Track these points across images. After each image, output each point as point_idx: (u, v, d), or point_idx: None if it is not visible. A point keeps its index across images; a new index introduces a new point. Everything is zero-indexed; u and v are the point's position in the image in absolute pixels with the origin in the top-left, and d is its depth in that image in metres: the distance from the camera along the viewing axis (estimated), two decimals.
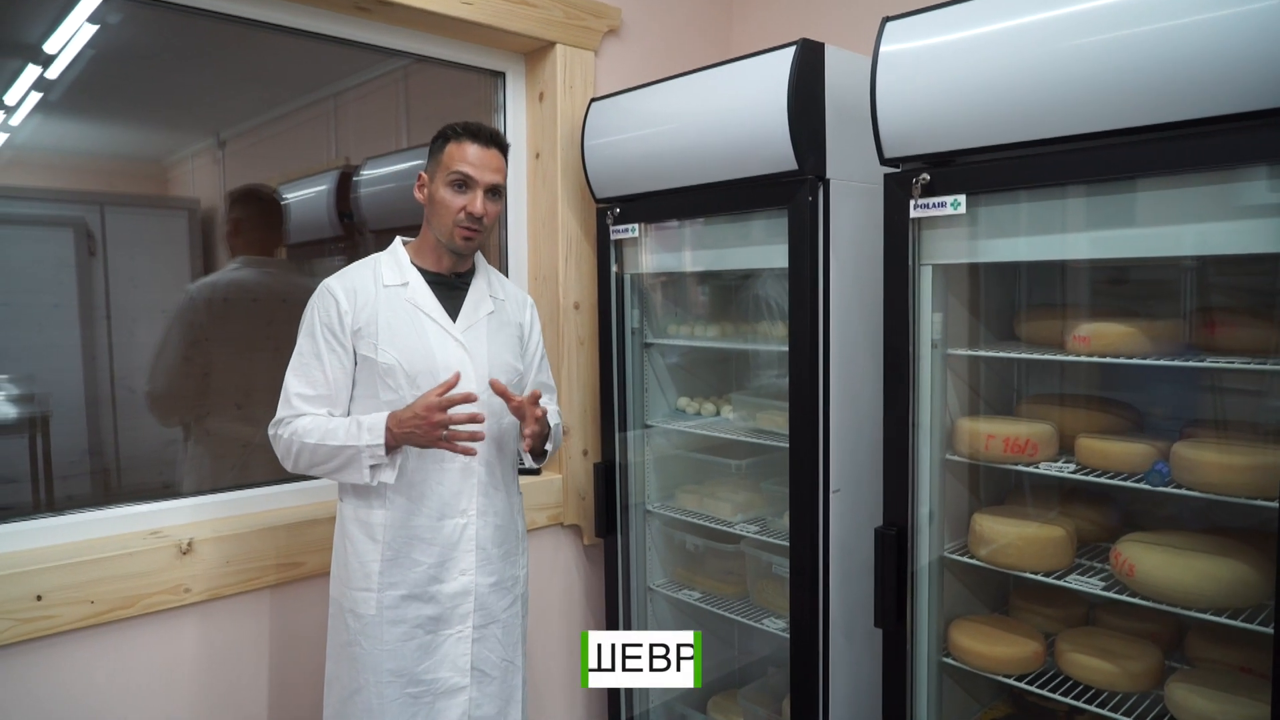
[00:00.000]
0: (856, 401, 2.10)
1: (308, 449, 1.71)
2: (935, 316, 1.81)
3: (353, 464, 1.69)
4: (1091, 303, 1.88)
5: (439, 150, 1.80)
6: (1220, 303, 1.70)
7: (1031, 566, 1.75)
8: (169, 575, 1.89)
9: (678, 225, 2.35)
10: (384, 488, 1.74)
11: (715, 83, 2.10)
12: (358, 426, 1.69)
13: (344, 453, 1.69)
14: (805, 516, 2.04)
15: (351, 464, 1.69)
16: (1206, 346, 1.64)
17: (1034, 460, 1.77)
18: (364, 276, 1.80)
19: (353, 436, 1.68)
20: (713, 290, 2.64)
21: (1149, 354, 1.63)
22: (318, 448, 1.70)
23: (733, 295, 2.49)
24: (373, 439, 1.68)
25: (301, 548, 2.09)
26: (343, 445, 1.68)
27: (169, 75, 2.09)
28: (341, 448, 1.69)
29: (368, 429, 1.68)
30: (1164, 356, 1.63)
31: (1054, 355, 1.75)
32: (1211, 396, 1.83)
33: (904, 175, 1.76)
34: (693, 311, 2.67)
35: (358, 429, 1.69)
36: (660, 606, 2.68)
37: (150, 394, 2.06)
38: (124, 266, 1.95)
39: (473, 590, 1.80)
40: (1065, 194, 1.57)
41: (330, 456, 1.70)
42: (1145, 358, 1.62)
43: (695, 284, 2.66)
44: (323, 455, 1.70)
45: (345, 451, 1.69)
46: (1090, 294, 1.90)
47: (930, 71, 1.66)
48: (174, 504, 2.04)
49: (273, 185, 2.37)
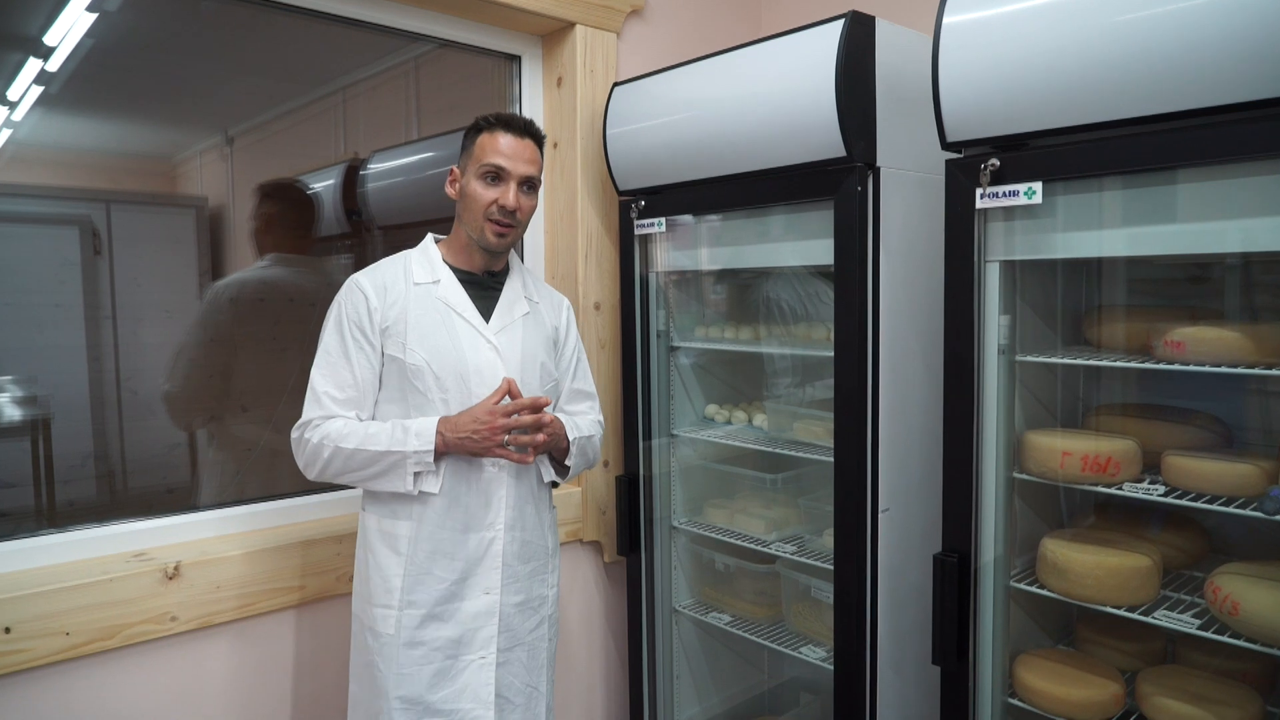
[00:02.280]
0: (906, 412, 1.91)
1: (342, 454, 1.58)
2: (1002, 319, 1.62)
3: (395, 471, 1.58)
4: (1182, 304, 1.68)
5: (471, 142, 1.69)
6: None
7: (1114, 600, 1.56)
8: (154, 603, 1.72)
9: (708, 219, 2.16)
10: (410, 498, 1.63)
11: (753, 62, 1.91)
12: (404, 431, 1.57)
13: (387, 458, 1.57)
14: (852, 538, 1.85)
15: (394, 471, 1.58)
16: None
17: (1116, 480, 1.58)
18: (394, 273, 1.69)
19: (398, 442, 1.57)
20: (744, 290, 2.45)
21: (1255, 362, 1.43)
22: (356, 453, 1.58)
23: (767, 295, 2.30)
24: (421, 444, 1.56)
25: (301, 569, 1.92)
26: (386, 450, 1.57)
27: (174, 68, 2.01)
28: (385, 453, 1.57)
29: (415, 434, 1.57)
30: (1275, 365, 1.43)
31: (1148, 364, 1.55)
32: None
33: (970, 161, 1.57)
34: (722, 313, 2.49)
35: (404, 433, 1.57)
36: (686, 629, 2.50)
37: (168, 394, 1.98)
38: (130, 265, 1.91)
39: (497, 611, 1.67)
40: (1167, 179, 1.38)
41: (371, 462, 1.58)
42: (1252, 366, 1.42)
43: (726, 283, 2.48)
44: (361, 461, 1.58)
45: (389, 457, 1.57)
46: (1182, 294, 1.70)
47: (1002, 42, 1.47)
48: (160, 523, 1.87)
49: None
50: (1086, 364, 1.68)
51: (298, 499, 2.06)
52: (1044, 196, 1.49)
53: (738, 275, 2.41)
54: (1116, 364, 1.60)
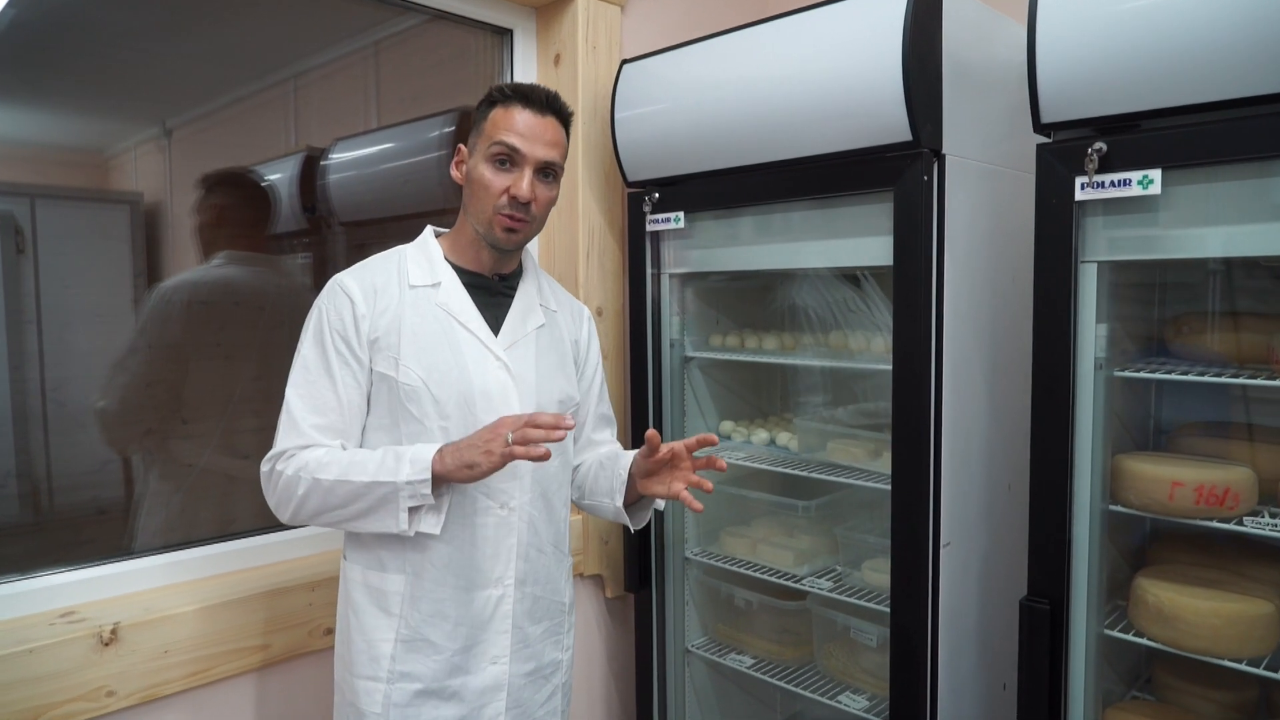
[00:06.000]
0: (968, 434, 1.69)
1: (321, 487, 1.28)
2: (1100, 328, 1.41)
3: (385, 506, 1.27)
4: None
5: (482, 117, 1.40)
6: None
7: (1232, 653, 1.36)
8: (86, 675, 1.40)
9: (734, 214, 1.91)
10: (403, 546, 1.34)
11: (796, 34, 1.67)
12: (396, 458, 1.27)
13: (375, 491, 1.26)
14: (911, 576, 1.63)
15: (384, 506, 1.27)
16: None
17: (1234, 514, 1.38)
18: (386, 273, 1.40)
19: (389, 470, 1.26)
20: (767, 294, 2.21)
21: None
22: (337, 485, 1.27)
23: (794, 300, 2.06)
24: (415, 473, 1.25)
25: (265, 625, 1.62)
26: (373, 481, 1.26)
27: (106, 51, 1.76)
28: (372, 484, 1.26)
29: (410, 460, 1.26)
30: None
31: None
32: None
33: (1070, 146, 1.36)
34: (743, 320, 2.24)
35: (396, 461, 1.27)
36: (698, 671, 2.24)
37: (104, 411, 1.70)
38: (56, 265, 1.73)
39: (505, 684, 1.39)
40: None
41: (355, 496, 1.27)
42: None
43: (748, 286, 2.23)
44: (343, 495, 1.28)
45: (377, 489, 1.26)
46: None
47: (1115, 3, 1.26)
48: (93, 573, 1.55)
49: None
50: (1229, 381, 1.43)
51: (259, 538, 1.76)
52: (1162, 186, 1.28)
53: (761, 278, 2.17)
54: (1262, 382, 1.38)
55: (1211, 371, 1.44)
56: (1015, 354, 1.78)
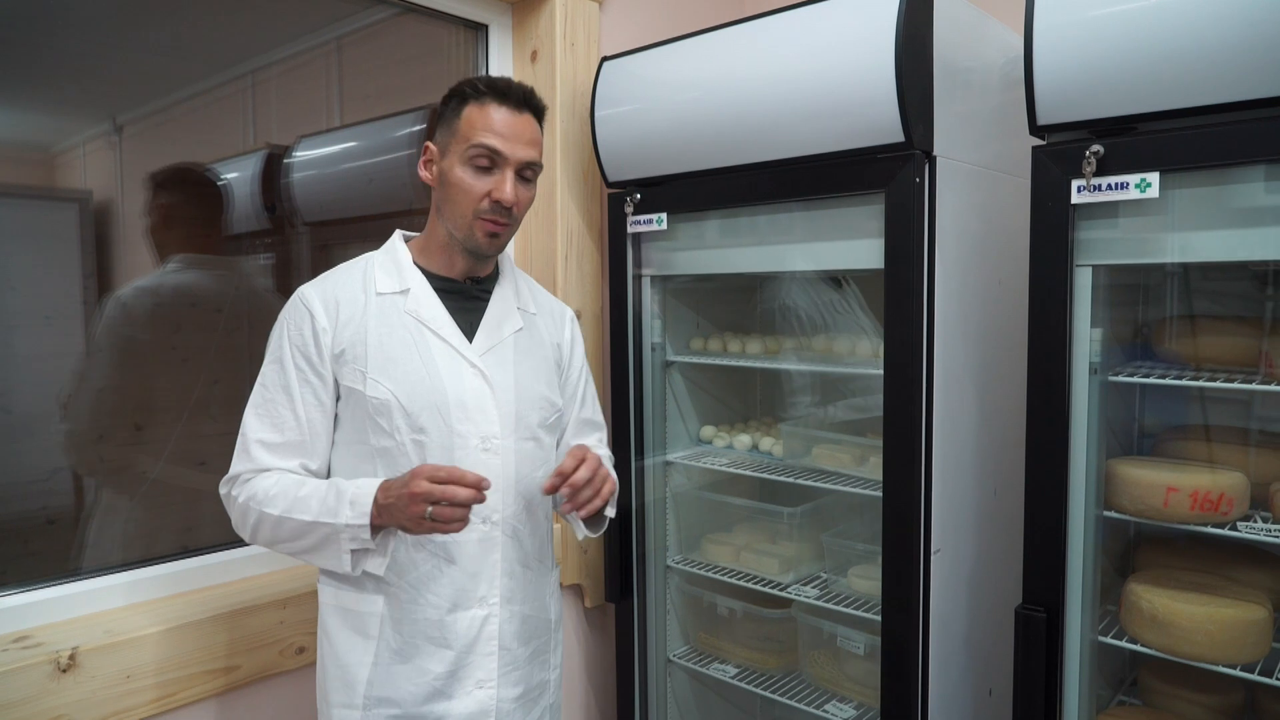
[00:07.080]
0: (957, 439, 1.68)
1: (269, 521, 1.23)
2: (1094, 333, 1.40)
3: (328, 546, 1.23)
4: None
5: (453, 114, 1.32)
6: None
7: (1227, 658, 1.35)
8: (41, 705, 1.32)
9: (718, 215, 1.87)
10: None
11: (786, 32, 1.64)
12: (337, 496, 1.21)
13: (317, 530, 1.21)
14: (901, 583, 1.60)
15: (327, 546, 1.23)
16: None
17: (1228, 520, 1.37)
18: (350, 282, 1.33)
19: (329, 510, 1.21)
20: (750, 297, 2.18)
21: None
22: (283, 521, 1.22)
23: (779, 303, 2.03)
24: (355, 515, 1.20)
25: (231, 645, 1.54)
26: (315, 521, 1.21)
27: (54, 43, 1.67)
28: (313, 524, 1.21)
29: (350, 501, 1.20)
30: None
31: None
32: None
33: (1066, 148, 1.34)
34: (725, 323, 2.21)
35: (336, 499, 1.21)
36: (679, 681, 2.20)
37: (71, 434, 1.62)
38: (1, 267, 1.65)
39: (493, 709, 1.33)
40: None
41: (299, 534, 1.23)
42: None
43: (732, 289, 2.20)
44: (289, 531, 1.23)
45: (318, 530, 1.21)
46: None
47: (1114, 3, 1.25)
48: (49, 594, 1.46)
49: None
50: (1225, 386, 1.41)
51: (225, 553, 1.68)
52: (1160, 189, 1.27)
53: (745, 280, 2.14)
54: (1259, 387, 1.37)
55: (1204, 376, 1.43)
56: (1004, 358, 1.77)
